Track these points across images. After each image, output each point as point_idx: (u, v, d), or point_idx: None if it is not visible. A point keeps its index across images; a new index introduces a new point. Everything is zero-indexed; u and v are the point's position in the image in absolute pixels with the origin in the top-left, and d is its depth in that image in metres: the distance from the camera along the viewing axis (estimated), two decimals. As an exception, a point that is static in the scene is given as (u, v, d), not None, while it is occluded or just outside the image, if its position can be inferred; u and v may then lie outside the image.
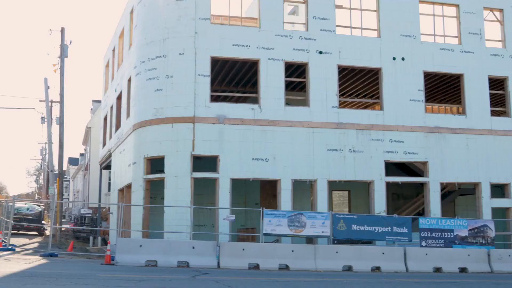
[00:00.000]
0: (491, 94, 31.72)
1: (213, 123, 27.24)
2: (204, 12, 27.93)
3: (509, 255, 26.05)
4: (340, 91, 32.45)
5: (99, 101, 55.50)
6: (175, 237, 25.56)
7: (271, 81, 28.11)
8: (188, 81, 27.29)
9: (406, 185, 33.52)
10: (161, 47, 27.99)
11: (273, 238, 26.95)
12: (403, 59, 29.99)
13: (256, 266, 22.69)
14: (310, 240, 27.02)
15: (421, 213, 32.57)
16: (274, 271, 22.10)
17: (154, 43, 28.27)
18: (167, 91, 27.50)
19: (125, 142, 31.39)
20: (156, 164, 27.96)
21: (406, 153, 29.41)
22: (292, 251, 23.56)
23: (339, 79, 30.29)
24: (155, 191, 29.77)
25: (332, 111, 28.68)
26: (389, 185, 30.11)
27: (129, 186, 29.75)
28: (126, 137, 31.03)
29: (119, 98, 35.04)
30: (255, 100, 28.73)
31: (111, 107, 37.90)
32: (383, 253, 24.51)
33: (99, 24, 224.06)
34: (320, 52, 28.90)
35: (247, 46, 28.07)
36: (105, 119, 41.74)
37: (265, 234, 25.02)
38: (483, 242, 26.86)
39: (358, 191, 34.46)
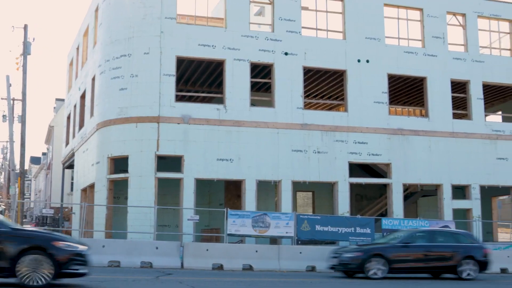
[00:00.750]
0: (453, 97, 32.17)
1: (178, 123, 27.12)
2: (170, 11, 27.79)
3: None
4: (305, 92, 32.56)
5: (63, 100, 54.74)
6: (139, 238, 25.36)
7: (237, 81, 28.10)
8: (153, 81, 27.12)
9: (369, 186, 33.86)
10: (126, 46, 27.76)
11: (237, 239, 26.94)
12: (367, 61, 30.26)
13: (220, 267, 22.64)
14: (274, 240, 27.07)
15: (384, 214, 32.88)
16: (238, 272, 22.07)
17: (119, 41, 28.03)
18: (132, 90, 27.29)
19: (88, 141, 31.06)
20: (119, 164, 27.72)
21: (370, 155, 29.68)
22: (256, 251, 23.55)
23: (304, 81, 30.42)
24: (118, 191, 29.52)
25: (297, 112, 28.79)
26: (352, 186, 30.35)
27: (92, 186, 29.44)
28: (89, 137, 30.71)
29: (83, 96, 34.65)
30: (221, 101, 28.69)
31: (75, 106, 37.46)
32: (346, 254, 24.63)
33: (63, 21, 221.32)
34: (286, 53, 28.99)
35: (213, 46, 28.02)
36: (69, 118, 41.22)
37: (229, 235, 24.98)
38: (444, 243, 27.15)
39: (322, 192, 34.65)
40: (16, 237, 13.04)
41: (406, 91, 35.92)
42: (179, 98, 29.43)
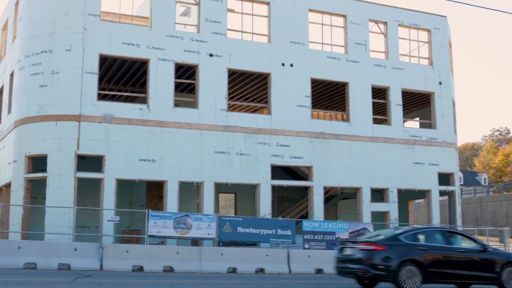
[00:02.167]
0: (373, 103, 33.02)
1: (100, 122, 26.65)
2: (93, 8, 27.29)
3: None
4: (229, 94, 32.76)
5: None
6: (57, 239, 24.75)
7: (161, 81, 27.89)
8: (75, 78, 26.56)
9: (291, 188, 34.28)
10: (47, 41, 27.07)
11: (158, 240, 26.73)
12: (291, 65, 30.64)
13: (140, 268, 22.39)
14: (195, 242, 27.04)
15: (305, 216, 33.37)
16: (159, 273, 21.90)
17: (40, 37, 27.30)
18: (52, 88, 26.64)
19: (5, 139, 30.08)
20: (38, 163, 27.00)
21: (292, 157, 30.05)
22: (177, 253, 23.42)
23: (229, 83, 30.54)
24: (36, 190, 28.74)
25: (221, 114, 28.84)
26: (274, 188, 30.65)
27: (8, 185, 28.53)
28: (6, 134, 29.74)
29: (0, 92, 33.53)
30: (144, 100, 28.41)
31: (-9, 102, 36.18)
32: (267, 255, 24.85)
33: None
34: (211, 55, 28.99)
35: (137, 45, 27.70)
36: (-16, 114, 39.75)
37: (150, 236, 24.75)
38: (363, 245, 27.82)
39: (244, 193, 34.84)
40: None
41: (329, 96, 36.58)
42: (101, 97, 28.95)
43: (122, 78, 32.75)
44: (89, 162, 27.27)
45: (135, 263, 22.48)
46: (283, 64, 30.48)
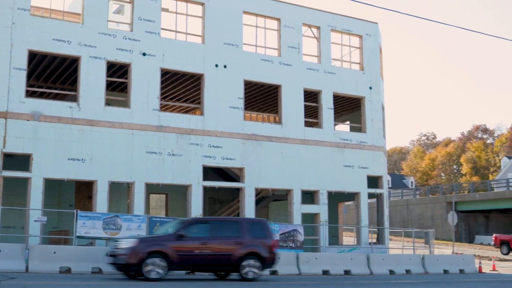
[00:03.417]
0: (305, 106, 33.40)
1: (28, 120, 25.97)
2: (23, 2, 26.56)
3: (316, 258, 27.48)
4: (162, 94, 32.50)
5: None
6: (-20, 239, 23.99)
7: (92, 79, 27.41)
8: (2, 74, 25.78)
9: (222, 189, 34.28)
10: (-27, 35, 26.15)
11: (87, 241, 26.25)
12: (225, 66, 30.67)
13: (68, 270, 21.92)
14: (125, 243, 26.63)
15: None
16: (87, 275, 21.51)
17: (-35, 31, 26.35)
18: (-22, 83, 25.75)
19: None
20: (-39, 161, 26.07)
21: (224, 159, 30.07)
22: (106, 254, 23.03)
23: (162, 82, 30.30)
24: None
25: (153, 114, 28.58)
26: (206, 189, 30.60)
27: None
28: None
29: None
30: (74, 98, 27.86)
31: None
32: (197, 257, 24.70)
33: None
34: (144, 54, 28.70)
35: (68, 41, 27.14)
36: None
37: (79, 237, 24.30)
38: (293, 246, 28.17)
39: (175, 194, 34.60)
40: None
41: (261, 98, 36.79)
42: (29, 94, 28.19)
43: (52, 75, 32.00)
44: (16, 160, 26.50)
45: (62, 265, 22.00)
46: (216, 65, 30.48)
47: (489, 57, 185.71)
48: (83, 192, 31.95)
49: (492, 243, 54.13)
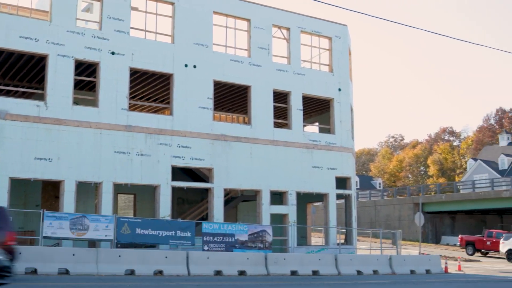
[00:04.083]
0: (275, 107, 33.48)
1: (-7, 118, 25.56)
2: (-11, -1, 26.15)
3: (284, 258, 27.57)
4: (131, 93, 32.29)
5: None
6: None
7: (60, 78, 27.10)
8: (-33, 72, 25.36)
9: (191, 190, 34.18)
10: None
11: (53, 242, 25.96)
12: (195, 66, 30.58)
13: (34, 271, 21.66)
14: (92, 243, 26.44)
15: (205, 218, 33.37)
16: (53, 276, 21.28)
17: None
18: None
19: None
20: None
21: (193, 159, 29.98)
22: (73, 255, 22.84)
23: (131, 82, 30.09)
24: None
25: (122, 113, 28.37)
26: (175, 190, 30.47)
27: None
28: None
29: None
30: (41, 97, 27.52)
31: None
32: (166, 257, 24.68)
33: None
34: (113, 53, 28.48)
35: (35, 39, 26.80)
36: None
37: (45, 237, 23.99)
38: (261, 246, 28.21)
39: (144, 194, 34.39)
40: None
41: (231, 98, 36.76)
42: (-5, 92, 27.74)
43: (18, 73, 31.54)
44: (-20, 159, 26.07)
45: (28, 266, 21.72)
46: (186, 65, 30.38)
47: (457, 60, 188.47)
48: (50, 192, 31.59)
49: (458, 243, 54.86)
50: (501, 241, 47.51)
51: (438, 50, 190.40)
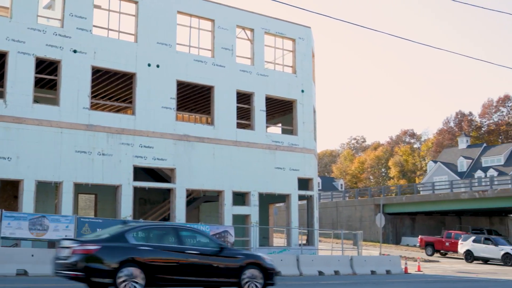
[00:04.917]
0: (238, 108, 33.49)
1: (-49, 116, 25.04)
2: None
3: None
4: (92, 92, 31.92)
5: None
6: None
7: (20, 76, 26.67)
8: None
9: (153, 190, 33.98)
10: None
11: (12, 242, 25.54)
12: (158, 66, 30.41)
13: (-9, 272, 21.28)
14: (52, 244, 26.07)
15: (167, 218, 33.21)
16: (11, 277, 20.92)
17: None
18: None
19: None
20: None
21: (155, 159, 29.81)
22: (32, 255, 22.49)
23: (93, 81, 29.77)
24: None
25: (83, 112, 28.06)
26: (136, 190, 30.24)
27: None
28: None
29: None
30: (1, 95, 27.05)
31: None
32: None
33: None
34: (75, 51, 28.14)
35: (-5, 36, 26.31)
36: None
37: (3, 238, 23.61)
38: (223, 248, 28.11)
39: (105, 194, 34.06)
40: None
41: (194, 99, 36.65)
42: (-47, 89, 27.17)
43: (-23, 70, 30.99)
44: None
45: (-15, 266, 21.33)
46: (149, 65, 30.19)
47: (418, 63, 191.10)
48: (8, 191, 31.09)
49: (418, 244, 55.59)
50: (460, 242, 48.27)
51: (401, 53, 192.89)
